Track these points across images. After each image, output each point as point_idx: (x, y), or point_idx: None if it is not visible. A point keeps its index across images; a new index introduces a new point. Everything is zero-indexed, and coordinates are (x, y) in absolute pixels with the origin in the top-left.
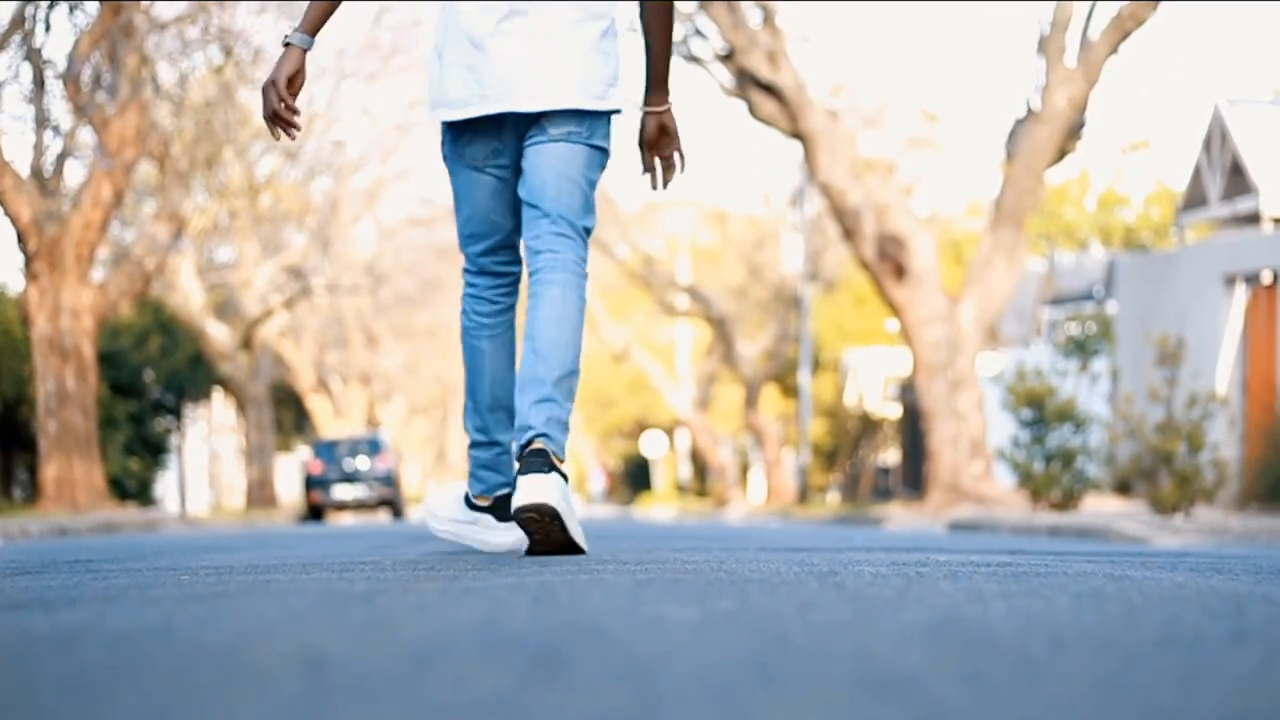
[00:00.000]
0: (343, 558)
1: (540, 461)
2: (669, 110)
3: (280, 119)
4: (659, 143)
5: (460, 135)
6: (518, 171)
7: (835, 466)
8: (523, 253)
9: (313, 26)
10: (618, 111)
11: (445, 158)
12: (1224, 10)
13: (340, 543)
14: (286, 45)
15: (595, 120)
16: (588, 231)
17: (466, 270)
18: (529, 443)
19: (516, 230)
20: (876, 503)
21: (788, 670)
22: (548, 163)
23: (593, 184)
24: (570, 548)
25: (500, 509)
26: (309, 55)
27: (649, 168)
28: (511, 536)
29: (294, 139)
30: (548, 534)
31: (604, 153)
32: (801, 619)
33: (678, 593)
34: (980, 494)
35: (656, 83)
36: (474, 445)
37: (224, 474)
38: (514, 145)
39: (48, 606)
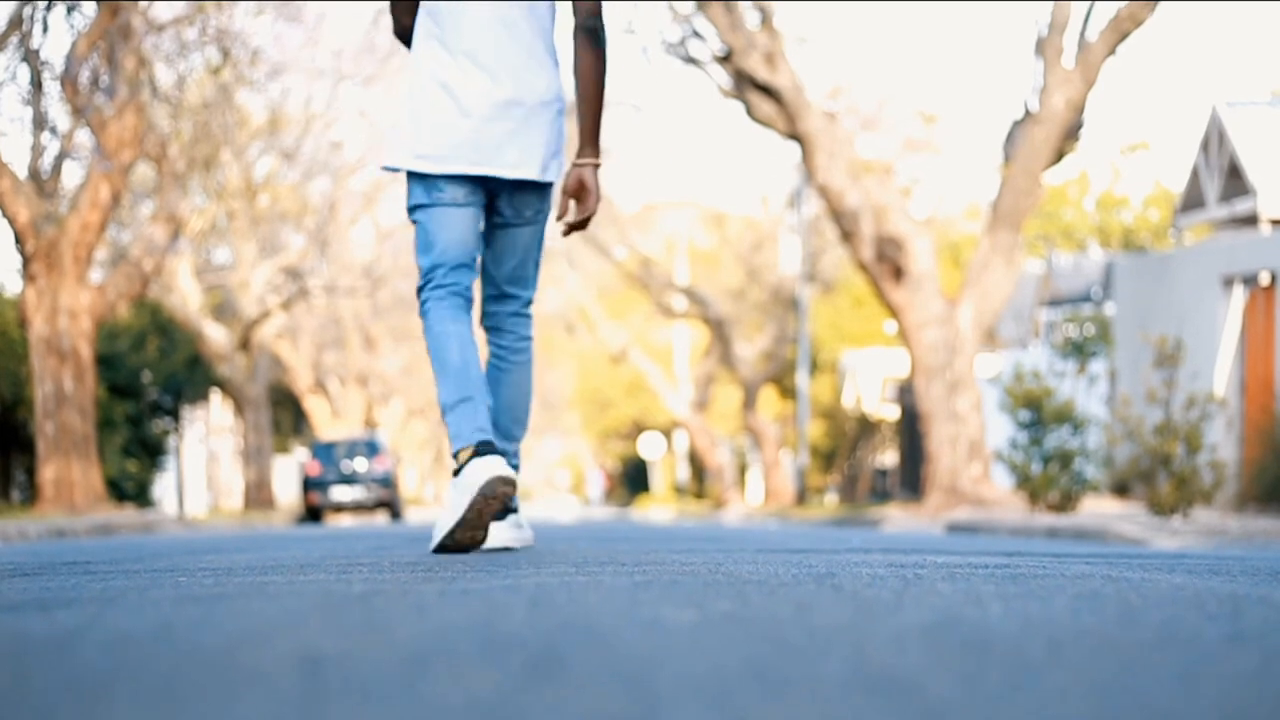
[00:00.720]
0: (340, 559)
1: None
2: (592, 166)
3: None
4: (576, 194)
5: (437, 182)
6: (476, 199)
7: (833, 468)
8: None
9: None
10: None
11: (420, 203)
12: (1222, 12)
13: (338, 544)
14: None
15: (547, 191)
16: (530, 300)
17: (432, 288)
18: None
19: (474, 261)
20: (874, 504)
21: (786, 672)
22: (518, 246)
23: (541, 246)
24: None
25: (483, 450)
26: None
27: (561, 215)
28: (499, 465)
29: None
30: (488, 517)
31: (548, 214)
32: (799, 620)
33: (675, 594)
34: (978, 495)
35: (585, 137)
36: (450, 408)
37: (222, 475)
38: (484, 190)
39: (45, 608)
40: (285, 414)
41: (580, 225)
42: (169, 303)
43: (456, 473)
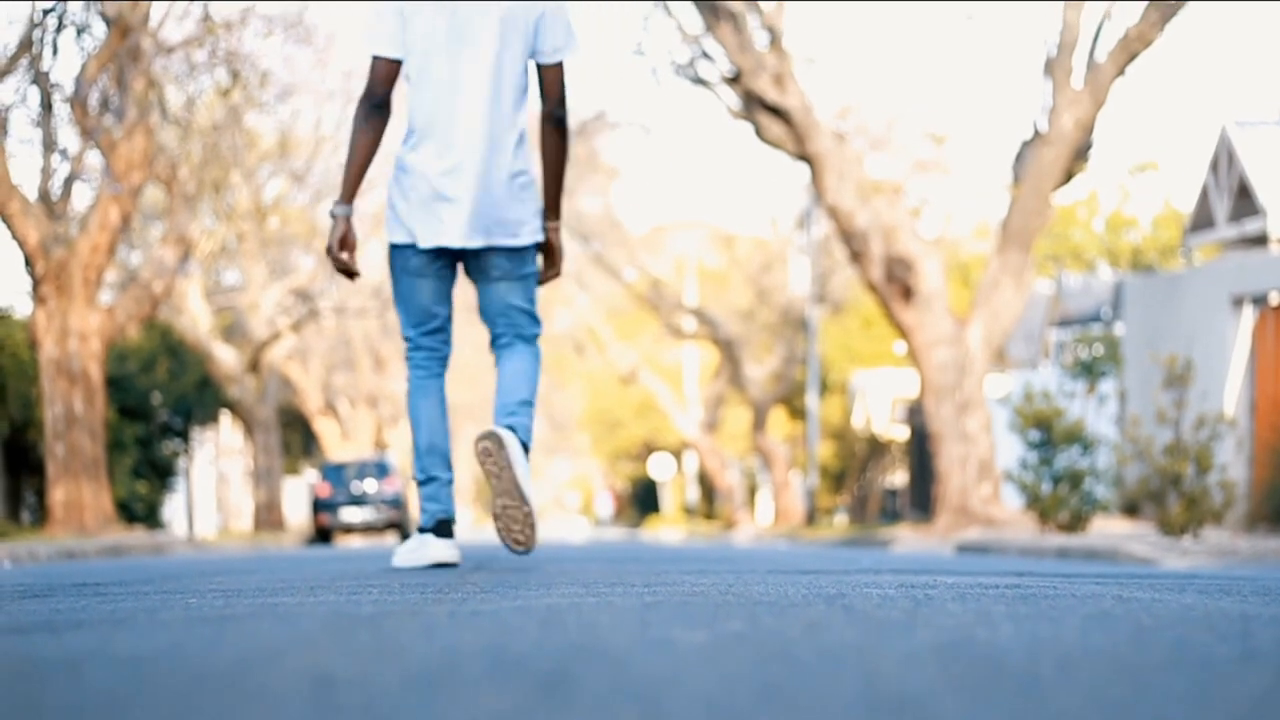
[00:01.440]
0: (350, 580)
1: (500, 456)
2: (556, 229)
3: (343, 270)
4: (545, 253)
5: (408, 252)
6: (450, 276)
7: (843, 488)
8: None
9: (349, 195)
10: (536, 242)
11: (394, 269)
12: (1231, 32)
13: (348, 565)
14: (333, 216)
15: (524, 252)
16: (537, 334)
17: (409, 349)
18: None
19: (448, 319)
20: (884, 525)
21: (796, 692)
22: (498, 300)
23: (531, 300)
24: (517, 485)
25: (441, 530)
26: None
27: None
28: (448, 550)
29: (356, 278)
30: (499, 466)
31: (533, 273)
32: (810, 641)
33: (686, 615)
34: (988, 516)
35: (549, 205)
36: (420, 484)
37: (231, 497)
38: (452, 258)
39: (55, 630)
40: (295, 435)
41: (551, 277)
42: (179, 324)
43: (420, 530)
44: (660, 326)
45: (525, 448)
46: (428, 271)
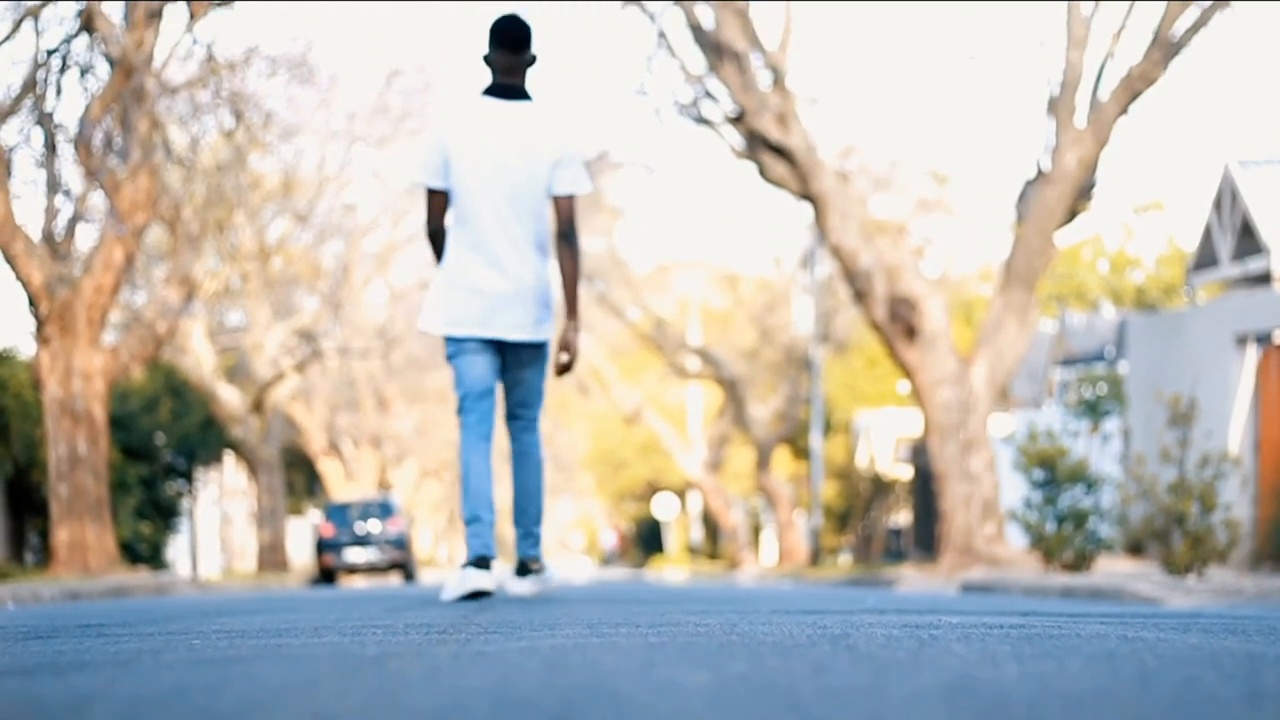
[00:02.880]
0: (355, 621)
1: (525, 571)
2: (572, 327)
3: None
4: (563, 348)
5: (462, 342)
6: (493, 352)
7: (847, 528)
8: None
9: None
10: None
11: (450, 354)
12: (1235, 71)
13: (352, 606)
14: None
15: (543, 344)
16: (538, 414)
17: (465, 413)
18: (522, 562)
19: (493, 387)
20: (889, 564)
21: None
22: (522, 383)
23: (542, 380)
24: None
25: (481, 564)
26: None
27: (554, 362)
28: (486, 579)
29: None
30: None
31: (545, 359)
32: (814, 682)
33: (690, 656)
34: (993, 555)
35: (568, 310)
36: (466, 523)
37: (235, 537)
38: (494, 345)
39: (59, 671)
40: (299, 476)
41: (567, 369)
42: (183, 365)
43: (464, 564)
44: (664, 366)
45: (537, 541)
46: (476, 351)
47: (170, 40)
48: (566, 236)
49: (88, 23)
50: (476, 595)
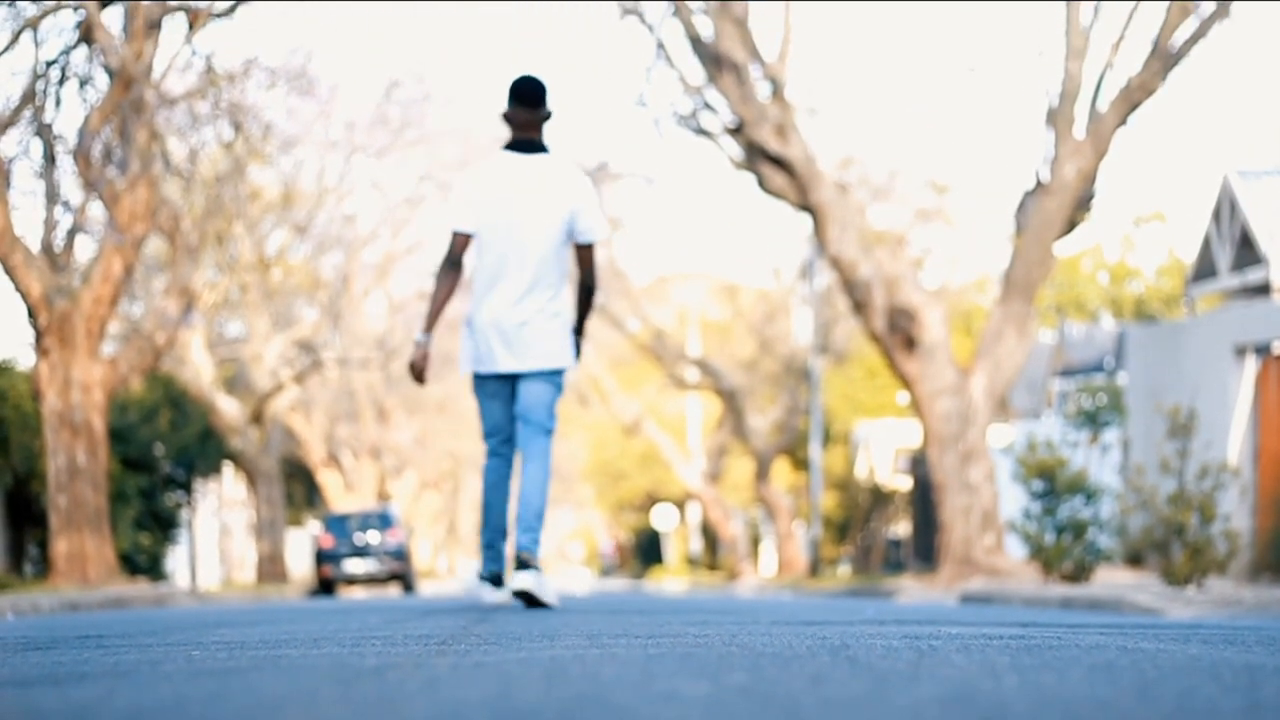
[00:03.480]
0: (354, 632)
1: (526, 567)
2: (580, 331)
3: (417, 378)
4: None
5: (483, 377)
6: (511, 394)
7: (847, 539)
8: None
9: (429, 327)
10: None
11: (475, 390)
12: (1233, 82)
13: (351, 617)
14: (416, 343)
15: (557, 370)
16: (551, 428)
17: (489, 451)
18: (521, 557)
19: (512, 427)
20: (888, 575)
21: None
22: (531, 394)
23: (555, 401)
24: (543, 604)
25: (495, 580)
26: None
27: None
28: (500, 594)
29: (424, 384)
30: (530, 601)
31: (561, 384)
32: (814, 693)
33: (690, 667)
34: (992, 566)
35: (577, 324)
36: (484, 546)
37: (235, 548)
38: (511, 382)
39: (58, 682)
40: (298, 487)
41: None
42: (182, 376)
43: (480, 577)
44: (663, 377)
45: (537, 537)
46: (495, 392)
47: (169, 51)
48: (588, 283)
49: (87, 34)
50: (525, 596)
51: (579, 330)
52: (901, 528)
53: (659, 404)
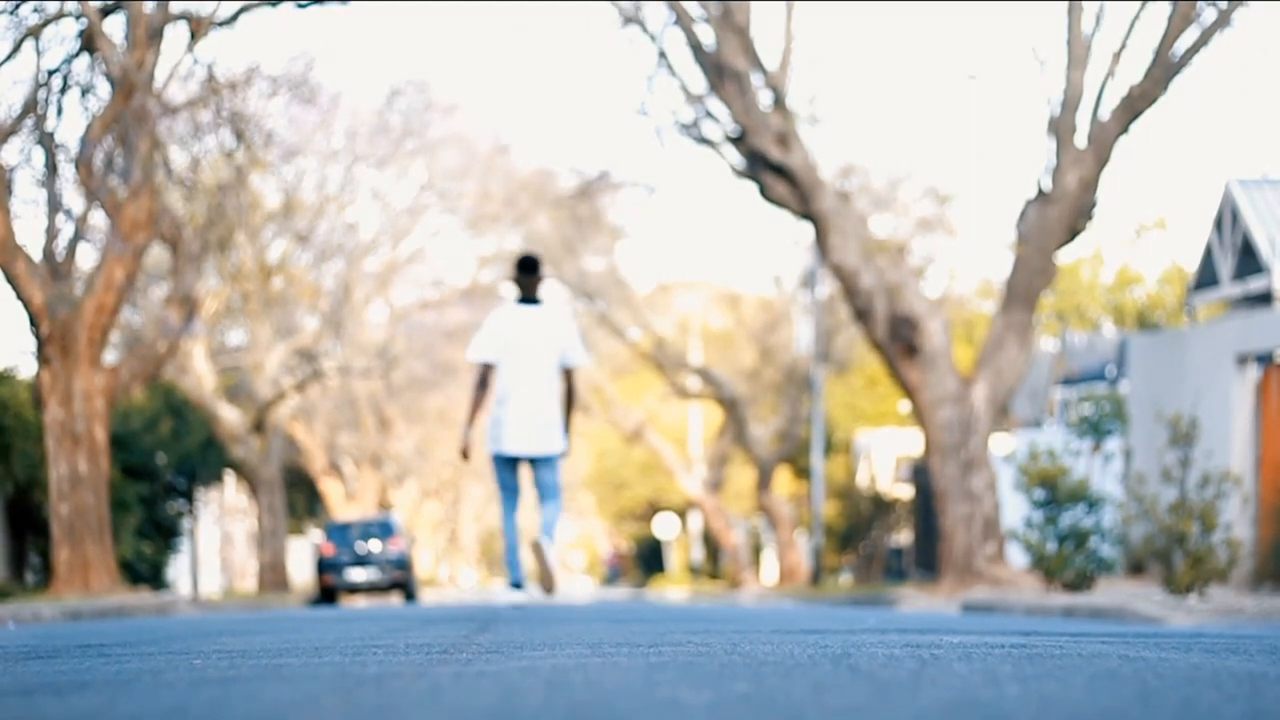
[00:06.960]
0: (355, 641)
1: (541, 550)
2: (567, 428)
3: (465, 457)
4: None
5: (502, 460)
6: (516, 464)
7: (848, 548)
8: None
9: (469, 422)
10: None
11: (495, 461)
12: (1235, 90)
13: (352, 626)
14: (464, 434)
15: (558, 454)
16: (560, 492)
17: (503, 497)
18: (536, 543)
19: (519, 483)
20: (890, 584)
21: None
22: (544, 477)
23: (559, 473)
24: (551, 577)
25: (517, 586)
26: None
27: None
28: (521, 595)
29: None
30: (536, 551)
31: (559, 462)
32: (816, 702)
33: (692, 675)
34: (993, 575)
35: (565, 422)
36: (508, 565)
37: (236, 557)
38: (518, 459)
39: (60, 691)
40: (300, 495)
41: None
42: (183, 384)
43: (510, 584)
44: (665, 386)
45: (552, 538)
46: (507, 462)
47: (171, 60)
48: (570, 394)
49: (89, 43)
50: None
51: (567, 426)
52: (903, 536)
53: (660, 413)
